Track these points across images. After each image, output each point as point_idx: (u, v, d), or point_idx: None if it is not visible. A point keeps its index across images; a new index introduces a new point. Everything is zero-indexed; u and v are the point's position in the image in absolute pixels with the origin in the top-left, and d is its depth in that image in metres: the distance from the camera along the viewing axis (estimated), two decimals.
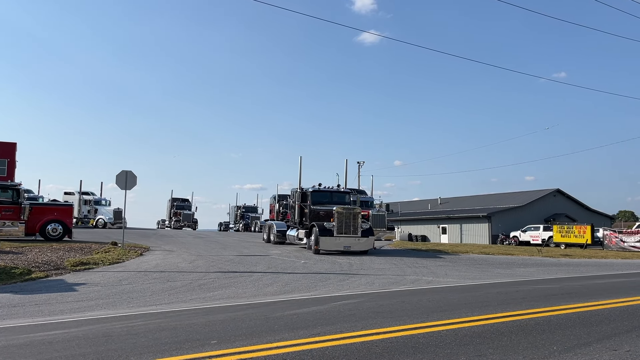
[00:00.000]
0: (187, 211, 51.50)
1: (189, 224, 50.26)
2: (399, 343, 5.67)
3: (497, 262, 19.82)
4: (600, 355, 5.19)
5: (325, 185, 22.93)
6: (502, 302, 8.86)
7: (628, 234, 32.76)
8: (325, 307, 8.34)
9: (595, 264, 20.54)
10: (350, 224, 19.86)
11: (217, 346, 5.52)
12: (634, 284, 12.46)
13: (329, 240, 19.55)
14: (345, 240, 19.74)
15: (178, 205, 52.21)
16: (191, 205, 53.54)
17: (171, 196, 54.27)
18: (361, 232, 20.11)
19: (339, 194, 22.66)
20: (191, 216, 51.23)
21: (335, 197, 22.35)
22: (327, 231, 19.70)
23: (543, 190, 50.16)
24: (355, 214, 20.16)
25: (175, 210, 51.59)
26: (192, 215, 51.61)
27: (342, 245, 19.70)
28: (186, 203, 53.47)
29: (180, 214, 50.67)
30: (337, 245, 19.68)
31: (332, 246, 19.65)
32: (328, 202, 21.66)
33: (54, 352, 5.35)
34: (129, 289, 10.74)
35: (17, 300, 9.32)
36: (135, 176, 19.04)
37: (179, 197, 54.38)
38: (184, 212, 50.84)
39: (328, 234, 19.62)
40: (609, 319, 7.23)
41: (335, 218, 19.81)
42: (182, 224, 49.90)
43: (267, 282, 11.98)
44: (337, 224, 19.73)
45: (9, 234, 18.85)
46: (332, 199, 22.06)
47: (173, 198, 53.82)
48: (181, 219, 50.36)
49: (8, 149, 26.54)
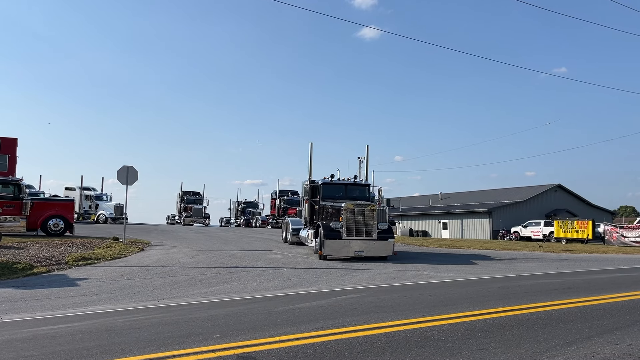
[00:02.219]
0: (199, 206, 47.87)
1: (201, 220, 46.90)
2: (401, 337, 5.69)
3: (499, 257, 19.83)
4: (602, 349, 5.20)
5: (340, 177, 19.40)
6: (503, 296, 8.87)
7: (629, 229, 32.74)
8: (327, 302, 8.36)
9: (596, 259, 20.55)
10: (363, 223, 16.34)
11: (219, 340, 5.54)
12: (635, 278, 12.47)
13: (336, 244, 16.13)
14: (356, 244, 16.19)
15: (188, 200, 48.61)
16: (202, 199, 49.93)
17: (181, 189, 50.84)
18: (377, 234, 16.46)
19: (355, 187, 19.11)
20: (203, 211, 47.72)
21: (351, 190, 18.87)
22: (333, 233, 16.22)
23: (544, 186, 50.11)
24: (370, 211, 16.52)
25: (186, 205, 48.06)
26: (204, 210, 48.14)
27: (353, 250, 16.16)
28: (197, 197, 49.86)
29: (191, 209, 47.17)
30: (346, 250, 16.19)
31: (341, 251, 16.21)
32: (341, 197, 18.25)
33: (57, 346, 5.37)
34: (130, 284, 10.77)
35: (20, 295, 9.35)
36: (137, 171, 19.05)
37: (190, 191, 50.77)
38: (194, 207, 47.29)
39: (335, 236, 16.18)
40: (610, 313, 7.24)
41: (343, 216, 16.36)
42: (193, 220, 46.60)
43: (268, 277, 12.01)
44: (346, 223, 16.27)
45: (11, 230, 18.87)
46: (347, 193, 18.64)
47: (183, 191, 50.34)
48: (192, 214, 46.94)
49: (9, 145, 26.51)
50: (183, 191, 50.39)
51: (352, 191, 18.81)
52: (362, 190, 19.13)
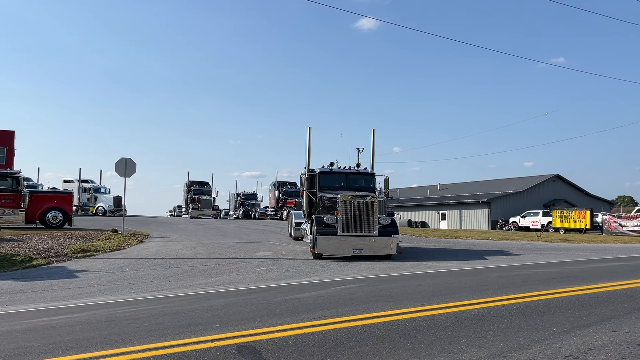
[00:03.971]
0: (207, 197, 43.29)
1: (210, 213, 42.46)
2: (400, 326, 5.71)
3: (497, 247, 19.90)
4: (599, 336, 5.23)
5: (341, 165, 17.06)
6: (501, 285, 8.91)
7: (627, 219, 32.87)
8: (326, 292, 8.39)
9: (595, 249, 20.64)
10: (362, 217, 14.36)
11: (219, 330, 5.56)
12: (633, 267, 12.53)
13: (331, 241, 14.15)
14: (354, 241, 14.24)
15: (196, 190, 44.09)
16: (211, 189, 45.44)
17: (188, 179, 46.29)
18: (379, 230, 14.41)
19: (357, 176, 16.93)
20: (212, 202, 43.08)
21: (353, 180, 16.75)
22: (328, 228, 14.29)
23: (542, 176, 50.20)
24: (370, 203, 14.50)
25: (193, 196, 43.56)
26: (213, 201, 43.52)
27: (351, 248, 14.21)
28: (205, 187, 45.35)
29: (199, 200, 42.58)
30: (343, 248, 14.23)
31: (336, 249, 14.23)
32: (342, 188, 16.18)
33: (57, 337, 5.39)
34: (130, 275, 10.79)
35: (19, 286, 9.36)
36: (135, 163, 19.01)
37: (197, 180, 46.24)
38: (202, 198, 42.67)
39: (330, 233, 14.25)
40: (608, 301, 7.27)
41: (339, 209, 14.39)
42: (202, 213, 42.16)
43: (267, 268, 12.04)
44: (342, 217, 14.31)
45: (9, 222, 18.87)
46: (349, 184, 16.54)
47: (190, 181, 45.90)
48: (200, 205, 42.32)
49: (7, 137, 26.46)
50: (190, 181, 46.01)
51: (354, 181, 16.75)
52: (366, 180, 16.91)
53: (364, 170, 17.25)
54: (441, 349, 4.76)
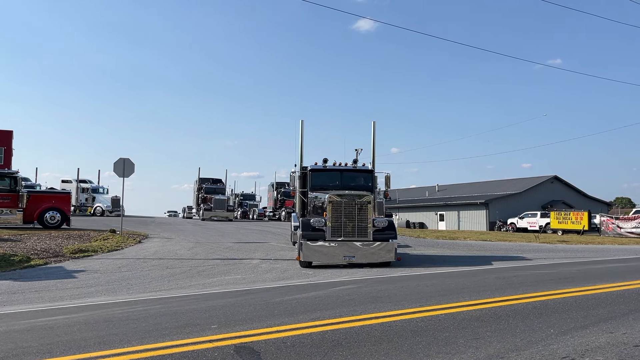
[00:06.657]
0: (220, 196, 38.28)
1: (224, 214, 37.45)
2: (398, 327, 5.72)
3: (495, 249, 19.92)
4: (596, 337, 5.25)
5: (335, 162, 15.18)
6: (499, 287, 8.93)
7: (625, 220, 32.91)
8: (324, 293, 8.39)
9: (592, 250, 20.67)
10: (355, 219, 12.61)
11: (217, 330, 5.56)
12: (630, 268, 12.55)
13: (318, 247, 12.43)
14: (345, 247, 12.52)
15: (207, 189, 39.24)
16: (225, 188, 40.59)
17: (198, 176, 41.32)
18: (374, 234, 12.67)
19: (354, 174, 15.06)
20: (226, 202, 38.06)
21: (349, 178, 14.88)
22: (315, 233, 12.57)
23: (540, 177, 50.29)
24: (363, 203, 12.74)
25: (205, 195, 38.75)
26: (227, 201, 38.42)
27: (342, 255, 12.51)
28: (219, 185, 40.34)
29: (211, 200, 37.67)
30: (332, 255, 12.52)
31: (325, 257, 12.52)
32: (337, 187, 14.42)
33: (55, 337, 5.39)
34: (128, 276, 10.78)
35: (17, 287, 9.35)
36: (133, 164, 19.01)
37: (209, 178, 41.38)
38: (215, 198, 37.73)
39: (317, 238, 12.50)
40: (605, 302, 7.29)
41: (328, 211, 12.68)
42: (214, 214, 37.24)
43: (266, 269, 12.03)
44: (331, 220, 12.60)
45: (7, 222, 18.85)
46: (344, 182, 14.69)
47: (201, 178, 40.98)
48: (212, 206, 37.46)
49: (4, 137, 26.33)
50: (201, 178, 41.06)
51: (350, 179, 14.88)
52: (365, 178, 15.02)
53: (361, 167, 15.35)
54: (439, 350, 4.77)
